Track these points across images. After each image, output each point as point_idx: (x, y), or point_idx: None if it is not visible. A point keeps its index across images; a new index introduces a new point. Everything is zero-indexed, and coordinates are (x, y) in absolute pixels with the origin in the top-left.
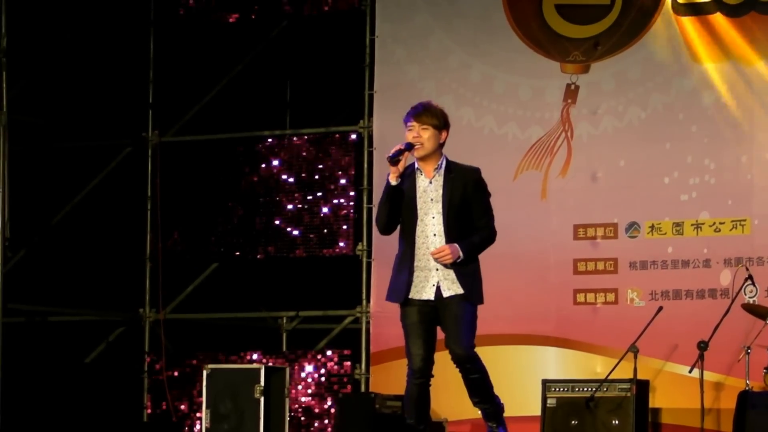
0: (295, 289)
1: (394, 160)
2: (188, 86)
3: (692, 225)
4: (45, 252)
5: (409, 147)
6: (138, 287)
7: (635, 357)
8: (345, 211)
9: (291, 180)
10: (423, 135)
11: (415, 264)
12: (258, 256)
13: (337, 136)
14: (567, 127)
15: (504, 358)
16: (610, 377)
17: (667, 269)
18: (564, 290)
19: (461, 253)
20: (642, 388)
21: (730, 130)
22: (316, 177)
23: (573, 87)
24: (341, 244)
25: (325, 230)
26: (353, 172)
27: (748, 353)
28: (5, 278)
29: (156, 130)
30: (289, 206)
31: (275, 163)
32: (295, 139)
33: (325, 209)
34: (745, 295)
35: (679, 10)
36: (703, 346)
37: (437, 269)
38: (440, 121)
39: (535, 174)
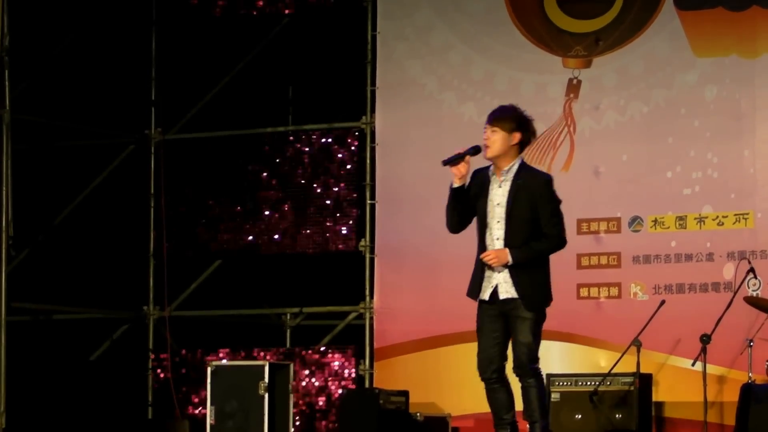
0: (299, 285)
1: (447, 163)
2: (191, 84)
3: (695, 219)
4: (49, 250)
5: (473, 151)
6: (142, 285)
7: (638, 351)
8: (348, 208)
9: (294, 176)
10: (491, 137)
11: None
12: (261, 253)
13: (340, 132)
14: (569, 121)
15: (507, 353)
16: (613, 371)
17: (671, 263)
18: (567, 285)
19: (510, 259)
20: (645, 381)
21: (733, 124)
22: (319, 173)
23: (575, 82)
24: (344, 240)
25: (329, 226)
26: (356, 168)
27: (751, 346)
28: (9, 277)
29: (159, 127)
30: (292, 203)
31: (278, 159)
32: (298, 135)
33: (328, 205)
34: (749, 288)
35: (681, 4)
36: (705, 339)
37: (498, 272)
38: (513, 124)
39: None
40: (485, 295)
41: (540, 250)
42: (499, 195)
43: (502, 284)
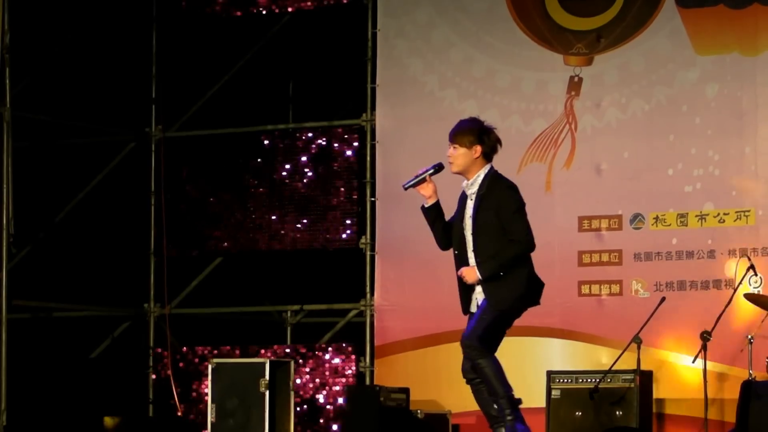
0: (300, 282)
1: (409, 186)
2: (191, 81)
3: (697, 216)
4: (50, 248)
5: (433, 170)
6: (143, 282)
7: (638, 348)
8: (348, 205)
9: (294, 174)
10: (453, 154)
11: None
12: (262, 250)
13: (340, 129)
14: (571, 119)
15: (509, 350)
16: (614, 368)
17: (672, 260)
18: (569, 282)
19: (479, 275)
20: (646, 378)
21: (734, 122)
22: (320, 170)
23: (576, 79)
24: (345, 237)
25: (329, 224)
26: (356, 166)
27: (751, 343)
28: (10, 274)
29: (159, 125)
30: (293, 200)
31: (279, 157)
32: (298, 133)
33: (328, 203)
34: (750, 285)
35: (682, 1)
36: (705, 336)
37: (477, 284)
38: (472, 137)
39: (539, 166)
40: (473, 307)
41: (508, 257)
42: (470, 207)
43: (478, 296)
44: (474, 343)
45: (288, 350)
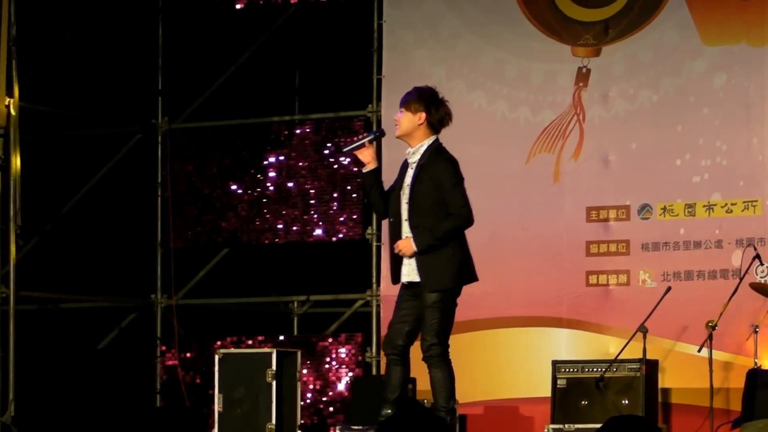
0: (306, 273)
1: (348, 151)
2: (197, 73)
3: (704, 206)
4: (57, 239)
5: (374, 136)
6: (150, 273)
7: (644, 337)
8: (354, 195)
9: (300, 165)
10: (399, 118)
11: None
12: (267, 241)
13: (346, 120)
14: (579, 110)
15: (517, 340)
16: (619, 357)
17: (679, 250)
18: (576, 272)
19: (414, 248)
20: (651, 368)
21: (742, 112)
22: (325, 161)
23: (584, 70)
24: (351, 228)
25: (335, 214)
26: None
27: (757, 332)
28: (17, 266)
29: (166, 116)
30: (299, 191)
31: (285, 148)
32: (304, 123)
33: (334, 193)
34: (757, 274)
35: None
36: (711, 325)
37: (410, 257)
38: (418, 104)
39: (547, 157)
40: (403, 279)
41: (445, 229)
42: (409, 176)
43: (405, 267)
44: (435, 351)
45: (295, 340)
